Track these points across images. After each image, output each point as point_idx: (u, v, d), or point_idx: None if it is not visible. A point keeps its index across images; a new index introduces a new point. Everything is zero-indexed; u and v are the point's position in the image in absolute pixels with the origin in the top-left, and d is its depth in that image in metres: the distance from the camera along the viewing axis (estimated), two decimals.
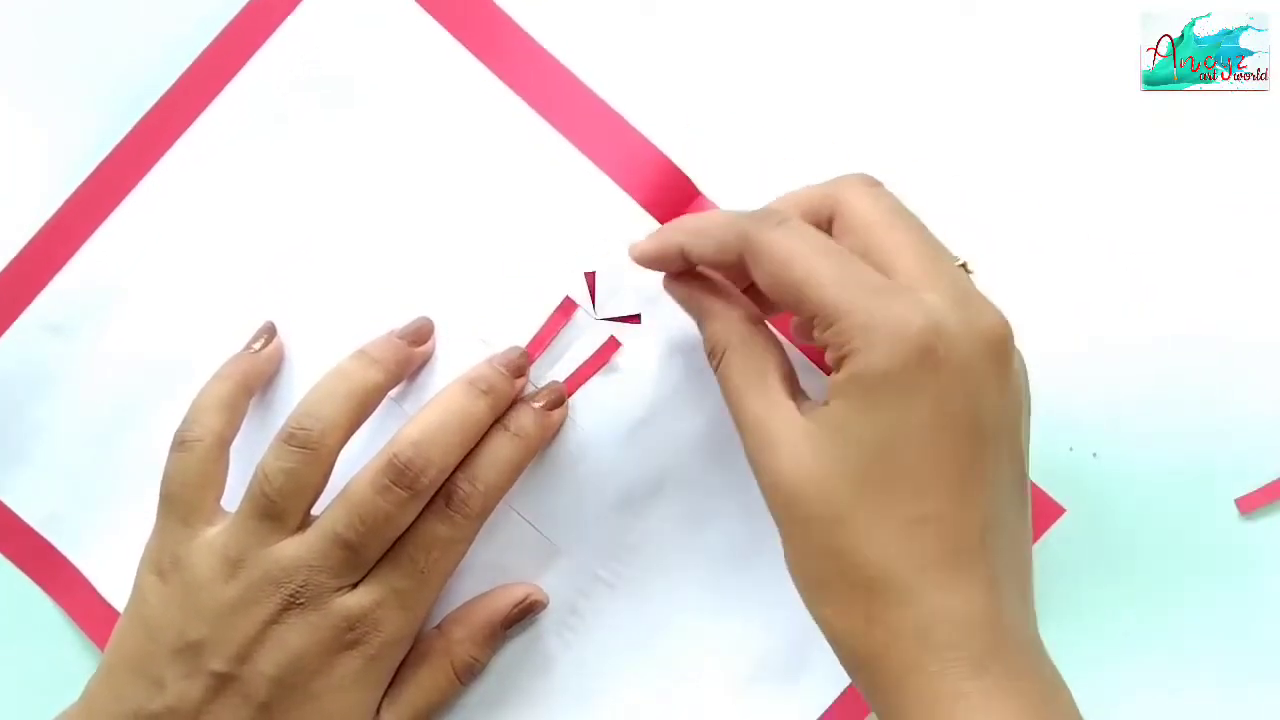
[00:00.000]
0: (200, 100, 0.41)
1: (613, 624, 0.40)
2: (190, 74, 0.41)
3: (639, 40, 0.41)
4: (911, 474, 0.29)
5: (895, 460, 0.29)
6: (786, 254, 0.31)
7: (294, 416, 0.36)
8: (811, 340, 0.31)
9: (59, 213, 0.41)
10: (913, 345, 0.29)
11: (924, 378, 0.29)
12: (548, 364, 0.40)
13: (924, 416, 0.29)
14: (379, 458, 0.35)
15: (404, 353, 0.38)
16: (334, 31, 0.40)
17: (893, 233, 0.31)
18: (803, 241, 0.31)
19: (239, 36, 0.41)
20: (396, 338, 0.39)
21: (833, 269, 0.30)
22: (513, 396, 0.38)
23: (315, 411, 0.36)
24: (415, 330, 0.39)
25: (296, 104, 0.41)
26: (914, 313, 0.29)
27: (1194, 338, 0.40)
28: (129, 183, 0.41)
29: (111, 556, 0.41)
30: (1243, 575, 0.40)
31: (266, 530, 0.35)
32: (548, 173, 0.40)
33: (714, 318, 0.35)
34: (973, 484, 0.30)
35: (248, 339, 0.40)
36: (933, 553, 0.29)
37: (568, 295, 0.40)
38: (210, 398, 0.38)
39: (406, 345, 0.38)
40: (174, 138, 0.41)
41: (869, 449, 0.29)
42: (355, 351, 0.37)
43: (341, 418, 0.36)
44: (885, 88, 0.41)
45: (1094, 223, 0.40)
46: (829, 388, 0.31)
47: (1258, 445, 0.40)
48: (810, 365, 0.39)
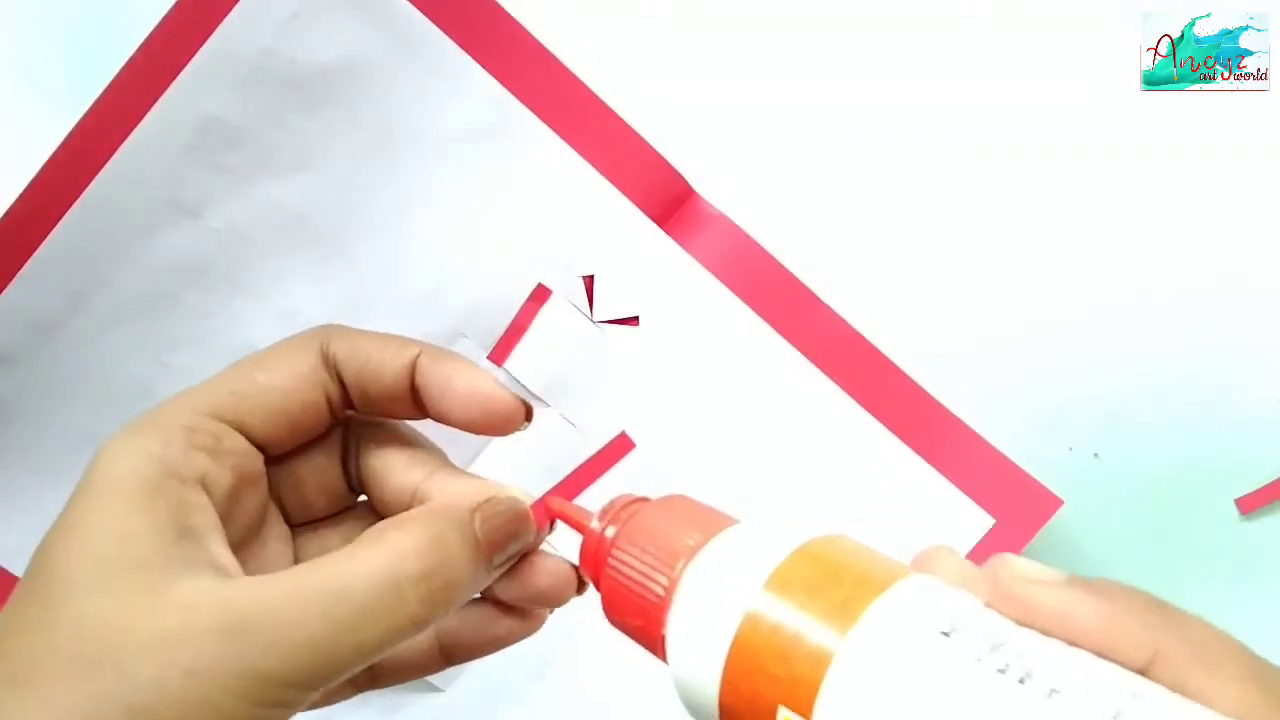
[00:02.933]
0: (142, 101, 0.37)
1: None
2: (124, 76, 0.37)
3: (635, 37, 0.40)
4: None
5: None
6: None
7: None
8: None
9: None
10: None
11: None
12: (526, 359, 0.39)
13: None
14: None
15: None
16: (318, 18, 0.39)
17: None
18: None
19: (179, 29, 0.37)
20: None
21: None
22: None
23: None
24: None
25: (258, 95, 0.38)
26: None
27: (1194, 338, 0.40)
28: (69, 196, 0.37)
29: None
30: (1243, 575, 0.40)
31: None
32: (539, 168, 0.39)
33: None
34: None
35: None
36: None
37: (540, 283, 0.39)
38: None
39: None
40: (115, 145, 0.37)
41: None
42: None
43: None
44: (884, 88, 0.40)
45: (1094, 223, 0.40)
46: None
47: (1258, 445, 0.40)
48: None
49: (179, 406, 0.26)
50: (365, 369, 0.27)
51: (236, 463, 0.26)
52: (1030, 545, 0.39)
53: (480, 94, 0.39)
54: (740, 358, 0.40)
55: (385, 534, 0.24)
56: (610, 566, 0.24)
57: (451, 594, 0.24)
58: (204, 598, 0.22)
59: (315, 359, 0.27)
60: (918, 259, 0.40)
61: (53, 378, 0.40)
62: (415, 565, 0.23)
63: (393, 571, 0.23)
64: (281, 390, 0.26)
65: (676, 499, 0.25)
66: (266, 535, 0.27)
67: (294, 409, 0.26)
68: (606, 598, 0.25)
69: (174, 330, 0.40)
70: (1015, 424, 0.40)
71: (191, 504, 0.24)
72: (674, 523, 0.24)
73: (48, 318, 0.39)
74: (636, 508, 0.25)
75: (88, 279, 0.39)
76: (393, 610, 0.23)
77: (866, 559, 0.22)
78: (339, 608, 0.22)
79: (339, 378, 0.27)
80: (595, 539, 0.25)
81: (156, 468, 0.24)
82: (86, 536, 0.23)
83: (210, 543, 0.24)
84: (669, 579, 0.23)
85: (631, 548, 0.24)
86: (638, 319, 0.40)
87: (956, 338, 0.41)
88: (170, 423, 0.25)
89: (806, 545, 0.22)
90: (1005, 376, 0.41)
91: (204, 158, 0.38)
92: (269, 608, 0.22)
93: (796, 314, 0.40)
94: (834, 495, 0.40)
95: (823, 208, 0.41)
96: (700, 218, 0.40)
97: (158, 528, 0.23)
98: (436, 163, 0.40)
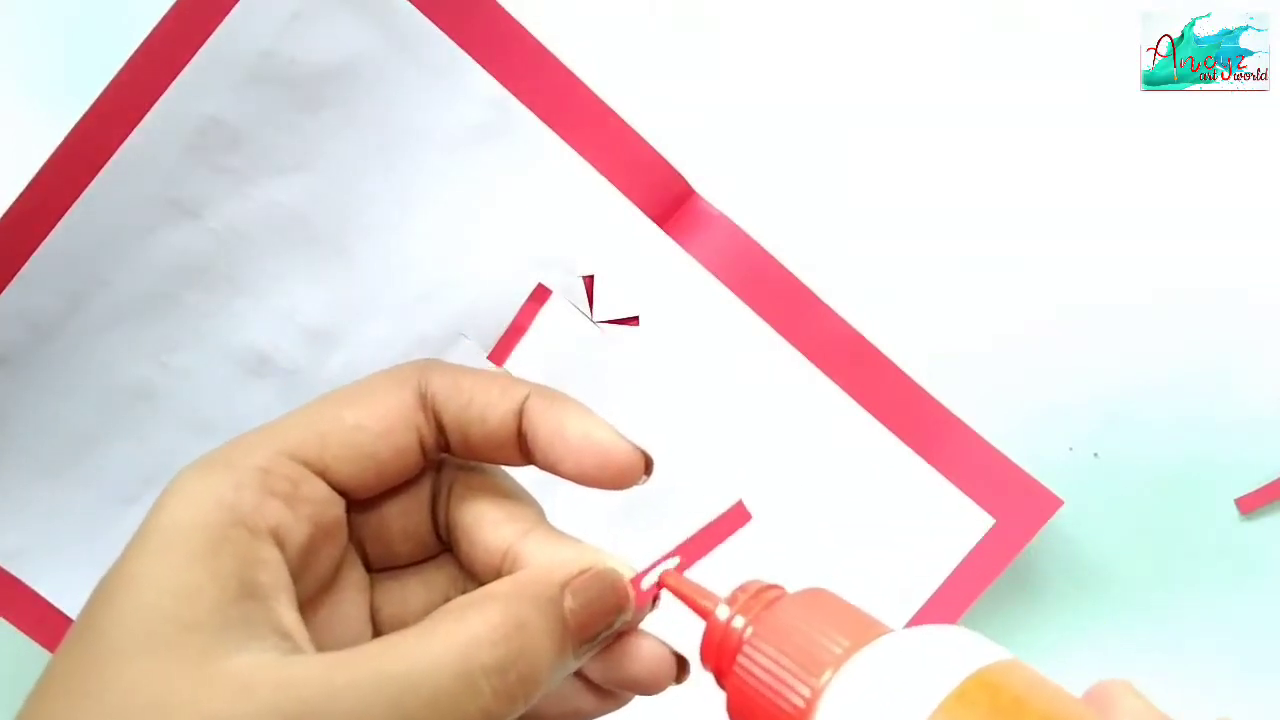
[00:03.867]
0: (142, 101, 0.37)
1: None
2: (124, 76, 0.37)
3: (635, 37, 0.40)
4: None
5: None
6: None
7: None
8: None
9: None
10: None
11: None
12: (526, 359, 0.39)
13: None
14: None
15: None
16: (318, 18, 0.39)
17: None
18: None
19: (179, 29, 0.37)
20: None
21: None
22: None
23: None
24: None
25: (258, 95, 0.38)
26: None
27: (1194, 337, 0.40)
28: (69, 196, 0.37)
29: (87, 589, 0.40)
30: (1243, 575, 0.40)
31: None
32: (539, 168, 0.39)
33: None
34: None
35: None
36: None
37: (540, 283, 0.39)
38: None
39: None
40: (115, 145, 0.37)
41: None
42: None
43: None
44: (884, 88, 0.40)
45: (1094, 222, 0.40)
46: None
47: (1258, 445, 0.40)
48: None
49: (256, 443, 0.23)
50: (467, 411, 0.24)
51: (314, 511, 0.23)
52: (1030, 545, 0.39)
53: (480, 94, 0.39)
54: (740, 358, 0.40)
55: (464, 615, 0.22)
56: (741, 665, 0.22)
57: (531, 688, 0.22)
58: (261, 676, 0.20)
59: (411, 397, 0.24)
60: (917, 259, 0.40)
61: (53, 378, 0.40)
62: (491, 655, 0.21)
63: (466, 661, 0.21)
64: (372, 431, 0.24)
65: (819, 594, 0.23)
66: (342, 586, 0.25)
67: (384, 452, 0.24)
68: (734, 699, 0.22)
69: (174, 330, 0.40)
70: (1015, 424, 0.40)
71: (260, 559, 0.22)
72: (818, 624, 0.22)
73: (48, 318, 0.39)
74: (773, 597, 0.23)
75: (88, 279, 0.39)
76: (465, 703, 0.21)
77: (1050, 696, 0.19)
78: (406, 698, 0.20)
79: (436, 419, 0.25)
80: (722, 630, 0.23)
81: (225, 514, 0.22)
82: (141, 588, 0.21)
83: (276, 604, 0.22)
84: (812, 690, 0.21)
85: (768, 647, 0.22)
86: (638, 319, 0.40)
87: (956, 338, 0.41)
88: (245, 463, 0.23)
89: (981, 673, 0.19)
90: (1005, 376, 0.41)
91: (204, 158, 0.38)
92: (331, 694, 0.20)
93: (796, 314, 0.40)
94: (834, 495, 0.40)
95: (823, 208, 0.41)
96: (700, 218, 0.40)
97: (220, 584, 0.21)
98: (436, 163, 0.40)
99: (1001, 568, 0.39)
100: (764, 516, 0.40)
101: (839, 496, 0.40)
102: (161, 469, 0.40)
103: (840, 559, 0.40)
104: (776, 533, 0.40)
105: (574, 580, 0.23)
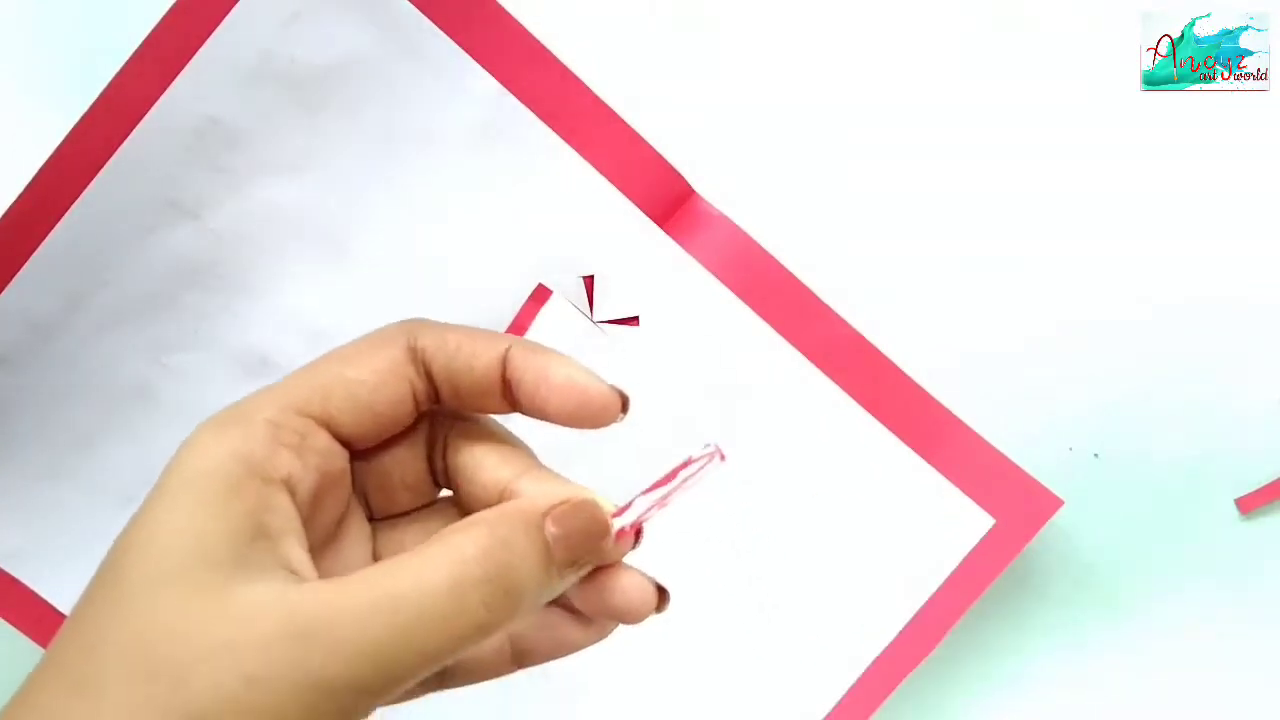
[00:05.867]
0: (142, 101, 0.37)
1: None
2: (123, 76, 0.37)
3: (635, 37, 0.40)
4: None
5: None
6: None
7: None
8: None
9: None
10: None
11: None
12: None
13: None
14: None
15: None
16: (319, 18, 0.39)
17: None
18: None
19: (179, 29, 0.37)
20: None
21: None
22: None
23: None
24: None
25: (258, 95, 0.38)
26: None
27: (1194, 337, 0.40)
28: (69, 196, 0.38)
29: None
30: (1243, 575, 0.40)
31: None
32: (539, 168, 0.39)
33: None
34: None
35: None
36: None
37: (540, 283, 0.39)
38: None
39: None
40: (115, 145, 0.38)
41: None
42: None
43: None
44: (883, 88, 0.40)
45: (1093, 222, 0.40)
46: None
47: (1258, 445, 0.40)
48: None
49: (265, 401, 0.25)
50: (454, 361, 0.26)
51: (321, 461, 0.25)
52: (1030, 545, 0.39)
53: (480, 94, 0.39)
54: (740, 358, 0.40)
55: (451, 536, 0.23)
56: None
57: (516, 600, 0.23)
58: (270, 602, 0.22)
59: (401, 353, 0.26)
60: (917, 259, 0.40)
61: (53, 378, 0.40)
62: (478, 569, 0.23)
63: (455, 575, 0.22)
64: (369, 385, 0.25)
65: None
66: (347, 534, 0.27)
67: (380, 404, 0.26)
68: None
69: (174, 330, 0.40)
70: (1015, 424, 0.40)
71: (272, 505, 0.23)
72: None
73: (47, 318, 0.39)
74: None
75: (87, 279, 0.39)
76: (455, 615, 0.22)
77: None
78: (401, 613, 0.22)
79: (426, 371, 0.26)
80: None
81: (239, 465, 0.23)
82: (160, 533, 0.23)
83: (286, 545, 0.23)
84: None
85: None
86: (638, 319, 0.40)
87: (956, 338, 0.41)
88: (255, 418, 0.24)
89: None
90: (1005, 377, 0.41)
91: (203, 158, 0.38)
92: (333, 612, 0.22)
93: (796, 314, 0.40)
94: (834, 495, 0.40)
95: (823, 208, 0.41)
96: (700, 218, 0.40)
97: (233, 528, 0.23)
98: (436, 162, 0.40)
99: (1001, 568, 0.39)
100: (764, 516, 0.40)
101: (839, 496, 0.40)
102: (161, 469, 0.40)
103: (841, 558, 0.40)
104: (776, 532, 0.40)
105: (555, 509, 0.24)
